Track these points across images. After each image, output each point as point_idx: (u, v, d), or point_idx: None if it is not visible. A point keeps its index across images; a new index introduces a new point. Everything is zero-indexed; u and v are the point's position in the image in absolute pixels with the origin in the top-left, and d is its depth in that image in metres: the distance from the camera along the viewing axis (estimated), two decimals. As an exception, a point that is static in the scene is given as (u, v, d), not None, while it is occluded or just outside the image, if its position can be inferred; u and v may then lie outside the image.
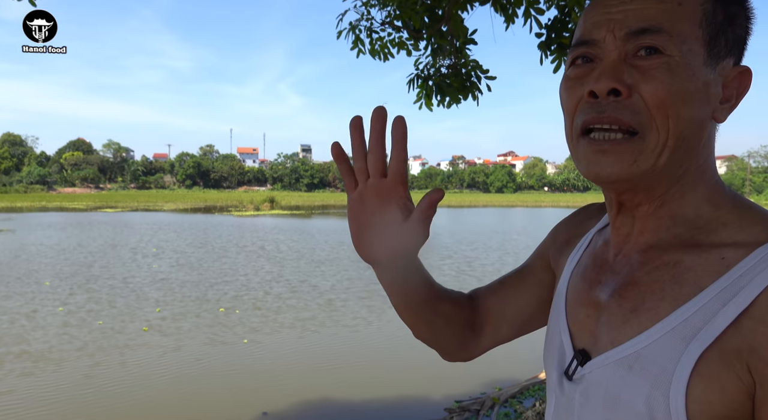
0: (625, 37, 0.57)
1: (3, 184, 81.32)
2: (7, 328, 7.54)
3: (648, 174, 0.57)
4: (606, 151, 0.57)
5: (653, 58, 0.56)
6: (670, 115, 0.55)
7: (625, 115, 0.56)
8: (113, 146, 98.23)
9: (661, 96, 0.55)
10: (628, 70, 0.56)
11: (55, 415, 4.90)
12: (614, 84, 0.56)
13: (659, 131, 0.56)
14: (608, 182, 0.59)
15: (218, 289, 10.34)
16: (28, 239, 19.04)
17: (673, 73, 0.55)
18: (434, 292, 0.79)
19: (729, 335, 0.50)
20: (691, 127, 0.57)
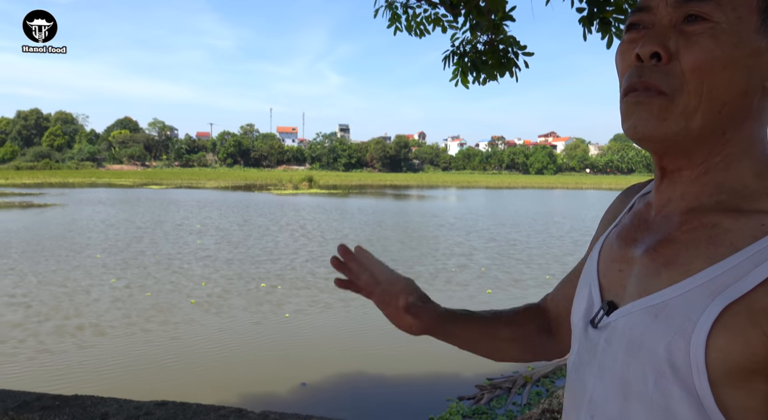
0: (675, 4, 0.59)
1: (56, 160, 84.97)
2: (65, 298, 7.99)
3: (682, 136, 0.59)
4: (640, 104, 0.59)
5: (697, 24, 0.57)
6: (705, 79, 0.56)
7: (658, 78, 0.58)
8: (158, 125, 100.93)
9: (699, 61, 0.56)
10: (675, 36, 0.58)
11: (109, 384, 5.20)
12: (656, 48, 0.58)
13: (690, 95, 0.57)
14: (644, 138, 0.60)
15: (260, 265, 10.61)
16: (79, 214, 19.94)
17: (716, 39, 0.56)
18: (487, 326, 0.89)
19: (759, 294, 0.52)
20: (731, 93, 0.57)
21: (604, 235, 0.76)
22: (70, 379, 5.15)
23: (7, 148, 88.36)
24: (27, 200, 26.04)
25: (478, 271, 10.24)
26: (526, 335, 0.89)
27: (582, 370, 0.67)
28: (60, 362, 5.55)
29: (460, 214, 22.51)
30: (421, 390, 5.07)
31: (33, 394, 2.00)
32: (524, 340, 0.89)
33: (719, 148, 0.60)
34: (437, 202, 30.95)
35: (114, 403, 1.97)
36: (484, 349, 0.91)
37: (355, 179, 62.63)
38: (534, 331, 0.90)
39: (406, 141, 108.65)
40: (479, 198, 35.02)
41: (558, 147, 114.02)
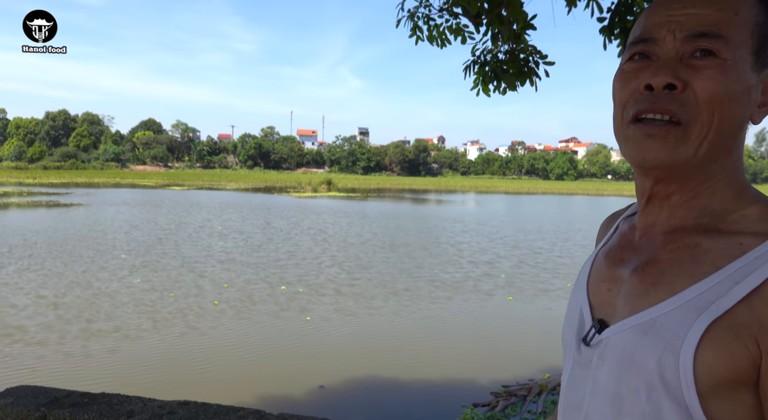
0: (685, 39, 0.63)
1: (82, 160, 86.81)
2: (92, 299, 8.18)
3: (687, 163, 0.63)
4: (653, 136, 0.63)
5: (708, 60, 0.61)
6: (716, 110, 0.61)
7: (675, 106, 0.62)
8: (181, 126, 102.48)
9: (712, 93, 0.61)
10: (683, 68, 0.62)
11: (134, 383, 5.31)
12: (671, 79, 0.62)
13: (703, 124, 0.61)
14: (652, 167, 0.64)
15: (282, 268, 10.70)
16: (104, 214, 20.36)
17: (725, 75, 0.61)
18: None
19: (740, 310, 0.56)
20: (731, 124, 0.62)
21: (592, 257, 0.79)
22: (98, 378, 5.28)
23: (35, 148, 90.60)
24: (53, 200, 26.67)
25: (503, 280, 10.18)
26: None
27: (576, 388, 0.70)
28: (88, 362, 5.69)
29: (482, 219, 22.37)
30: (436, 396, 5.08)
31: (63, 391, 2.08)
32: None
33: (711, 175, 0.65)
34: (458, 207, 30.84)
35: (139, 401, 2.04)
36: None
37: (373, 183, 62.75)
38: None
39: (425, 145, 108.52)
40: (499, 203, 34.80)
41: (579, 153, 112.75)
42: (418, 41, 3.81)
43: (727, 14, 0.62)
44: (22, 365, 5.50)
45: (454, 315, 7.73)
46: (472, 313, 7.86)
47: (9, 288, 8.46)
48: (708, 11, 0.62)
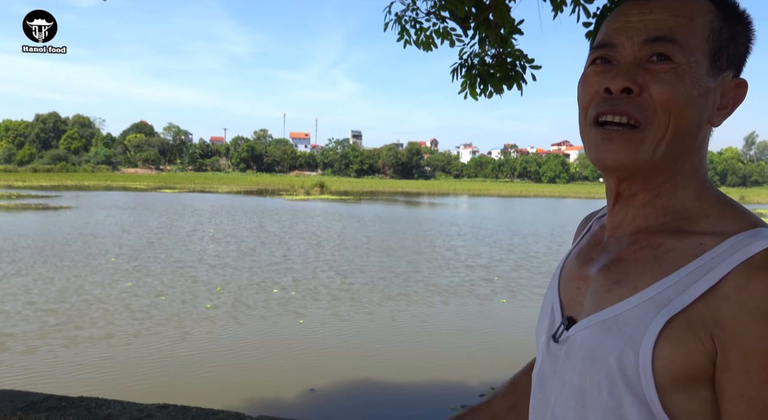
0: (642, 44, 0.65)
1: (73, 163, 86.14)
2: (80, 302, 8.11)
3: (646, 164, 0.65)
4: (612, 139, 0.65)
5: (663, 64, 0.64)
6: (672, 113, 0.63)
7: (632, 109, 0.64)
8: (173, 129, 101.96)
9: (667, 96, 0.63)
10: (641, 72, 0.65)
11: (120, 387, 5.27)
12: (628, 83, 0.64)
13: (660, 126, 0.64)
14: (612, 168, 0.67)
15: (275, 272, 10.67)
16: (94, 217, 20.21)
17: (679, 78, 0.63)
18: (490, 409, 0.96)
19: (698, 307, 0.58)
20: (688, 126, 0.64)
21: (565, 256, 0.82)
22: (83, 382, 5.23)
23: (25, 151, 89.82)
24: (43, 202, 26.43)
25: (497, 283, 10.19)
26: (523, 401, 0.92)
27: (545, 384, 0.72)
28: (74, 366, 5.63)
29: (477, 222, 22.37)
30: (425, 398, 5.08)
31: (40, 395, 2.06)
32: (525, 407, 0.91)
33: (671, 175, 0.67)
34: (451, 210, 30.87)
35: (117, 405, 2.02)
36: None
37: (366, 185, 62.69)
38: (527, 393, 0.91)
39: (418, 148, 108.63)
40: (492, 206, 34.90)
41: (571, 156, 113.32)
42: (406, 45, 3.82)
43: (683, 20, 0.64)
44: (7, 370, 5.45)
45: (445, 318, 7.74)
46: (463, 316, 7.87)
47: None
48: (664, 17, 0.64)
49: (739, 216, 0.64)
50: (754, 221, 0.63)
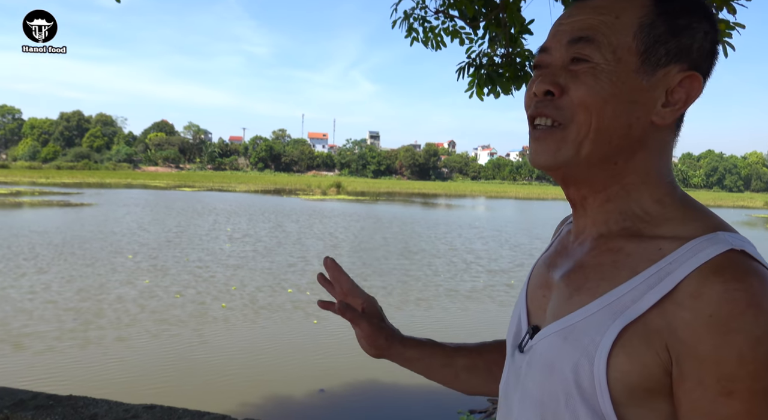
0: (566, 46, 0.65)
1: (95, 161, 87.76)
2: (97, 298, 8.23)
3: (572, 162, 0.64)
4: (539, 139, 0.66)
5: (581, 64, 0.63)
6: (592, 112, 0.62)
7: (551, 110, 0.64)
8: (193, 128, 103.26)
9: (582, 97, 0.62)
10: (565, 74, 0.64)
11: (127, 385, 5.33)
12: (547, 86, 0.65)
13: (580, 125, 0.63)
14: (541, 168, 0.67)
15: (290, 271, 10.71)
16: (113, 214, 20.53)
17: (596, 78, 0.62)
18: (444, 357, 0.91)
19: (653, 315, 0.55)
20: (613, 124, 0.62)
21: (534, 263, 0.79)
22: (85, 380, 5.29)
23: (49, 148, 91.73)
24: (64, 199, 26.94)
25: (513, 286, 10.10)
26: (486, 366, 0.89)
27: (509, 396, 0.70)
28: (78, 363, 5.70)
29: (497, 225, 22.07)
30: (433, 402, 5.04)
31: (30, 392, 2.07)
32: (485, 370, 0.89)
33: (615, 177, 0.65)
34: (469, 212, 30.74)
35: (104, 404, 2.02)
36: (443, 378, 0.92)
37: (383, 186, 62.72)
38: (496, 361, 0.89)
39: (435, 149, 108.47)
40: (510, 209, 34.65)
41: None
42: (413, 42, 3.78)
43: (607, 18, 0.63)
44: (9, 366, 5.52)
45: (463, 322, 7.72)
46: (482, 321, 7.82)
47: (12, 289, 8.53)
48: (590, 17, 0.64)
49: (701, 219, 0.62)
50: (716, 224, 0.60)
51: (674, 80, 0.63)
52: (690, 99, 0.64)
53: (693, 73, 0.63)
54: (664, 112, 0.63)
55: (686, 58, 0.63)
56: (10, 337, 6.24)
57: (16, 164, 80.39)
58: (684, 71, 0.63)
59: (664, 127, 0.65)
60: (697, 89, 0.64)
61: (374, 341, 0.89)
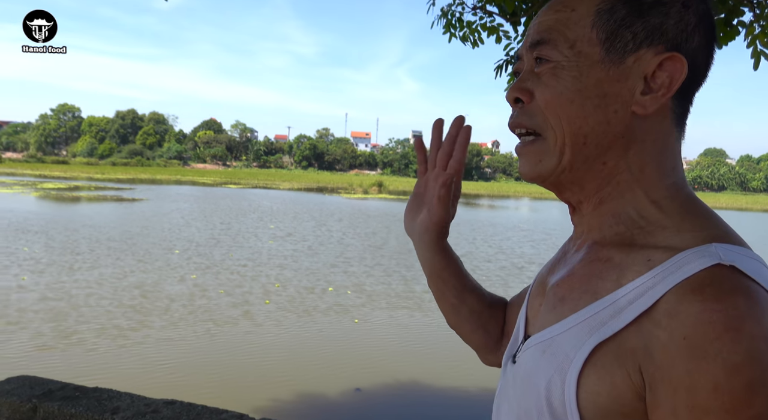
0: (529, 50, 0.62)
1: (147, 158, 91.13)
2: (145, 292, 8.51)
3: (558, 171, 0.61)
4: (521, 153, 0.64)
5: (542, 66, 0.60)
6: (561, 115, 0.59)
7: (524, 119, 0.62)
8: (240, 127, 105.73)
9: (546, 99, 0.59)
10: (532, 78, 0.62)
11: (180, 375, 5.49)
12: (515, 93, 0.62)
13: (555, 131, 0.59)
14: (529, 180, 0.64)
15: (331, 269, 10.80)
16: (162, 209, 21.26)
17: (557, 77, 0.59)
18: (462, 281, 0.85)
19: (630, 333, 0.50)
20: (588, 124, 0.58)
21: (540, 270, 0.75)
22: (119, 372, 5.45)
23: (105, 146, 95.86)
24: (118, 194, 28.10)
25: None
26: (486, 318, 0.85)
27: (500, 406, 0.66)
28: (121, 354, 5.90)
29: (546, 228, 21.52)
30: (468, 402, 4.98)
31: (59, 383, 2.14)
32: (482, 321, 0.85)
33: (607, 177, 0.60)
34: (513, 212, 30.24)
35: (127, 398, 2.06)
36: (440, 296, 0.86)
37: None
38: (495, 322, 0.86)
39: (478, 149, 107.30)
40: (555, 211, 33.86)
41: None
42: (451, 39, 3.72)
43: (563, 14, 0.60)
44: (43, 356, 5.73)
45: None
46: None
47: (64, 278, 8.93)
48: (548, 17, 0.61)
49: (701, 228, 0.55)
50: (715, 235, 0.53)
51: (651, 64, 0.57)
52: (674, 83, 0.57)
53: (673, 54, 0.56)
54: (644, 101, 0.57)
55: (661, 39, 0.57)
56: (59, 329, 6.52)
57: (75, 160, 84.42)
58: (661, 53, 0.57)
59: (650, 117, 0.58)
60: (680, 71, 0.57)
61: (442, 225, 0.80)
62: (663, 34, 0.57)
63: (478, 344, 0.87)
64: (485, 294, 0.87)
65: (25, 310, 6.99)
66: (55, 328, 6.39)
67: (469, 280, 0.86)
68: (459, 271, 0.85)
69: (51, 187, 31.01)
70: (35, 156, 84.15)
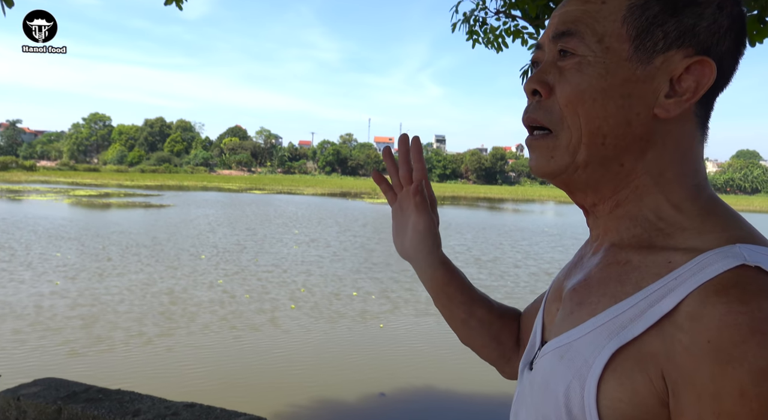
0: (553, 41, 0.59)
1: (175, 164, 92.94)
2: (172, 296, 8.67)
3: (572, 170, 0.59)
4: (532, 147, 0.61)
5: (567, 60, 0.57)
6: (580, 113, 0.56)
7: (540, 114, 0.59)
8: (264, 133, 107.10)
9: (568, 95, 0.57)
10: (554, 70, 0.59)
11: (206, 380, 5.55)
12: (534, 85, 0.59)
13: (571, 129, 0.57)
14: (540, 176, 0.62)
15: (355, 274, 10.84)
16: (189, 215, 21.63)
17: (582, 73, 0.56)
18: (468, 294, 0.84)
19: (651, 337, 0.48)
20: (609, 124, 0.56)
21: (556, 274, 0.73)
22: (146, 376, 5.54)
23: (135, 153, 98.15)
24: (146, 201, 28.70)
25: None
26: (497, 330, 0.83)
27: (518, 414, 0.64)
28: (146, 356, 5.99)
29: (575, 233, 21.08)
30: (493, 408, 4.92)
31: (83, 385, 2.19)
32: (493, 333, 0.83)
33: (624, 180, 0.58)
34: (539, 217, 29.89)
35: (149, 400, 2.09)
36: (448, 313, 0.85)
37: (448, 190, 62.28)
38: (507, 333, 0.84)
39: (502, 153, 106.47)
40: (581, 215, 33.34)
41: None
42: (474, 44, 3.70)
43: (592, 6, 0.57)
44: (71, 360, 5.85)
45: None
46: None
47: (95, 284, 9.13)
48: (576, 6, 0.58)
49: (724, 229, 0.53)
50: (739, 236, 0.51)
51: (679, 67, 0.55)
52: (701, 88, 0.55)
53: (702, 58, 0.54)
54: (667, 104, 0.55)
55: (691, 41, 0.55)
56: (89, 334, 6.67)
57: (106, 168, 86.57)
58: (690, 56, 0.54)
59: (672, 120, 0.56)
60: (708, 76, 0.54)
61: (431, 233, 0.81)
62: (694, 35, 0.55)
63: (493, 357, 0.86)
64: (494, 304, 0.85)
65: (57, 315, 7.17)
66: (85, 333, 6.54)
67: (475, 291, 0.85)
68: (463, 284, 0.84)
69: (82, 194, 31.86)
70: (68, 164, 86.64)
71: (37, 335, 6.36)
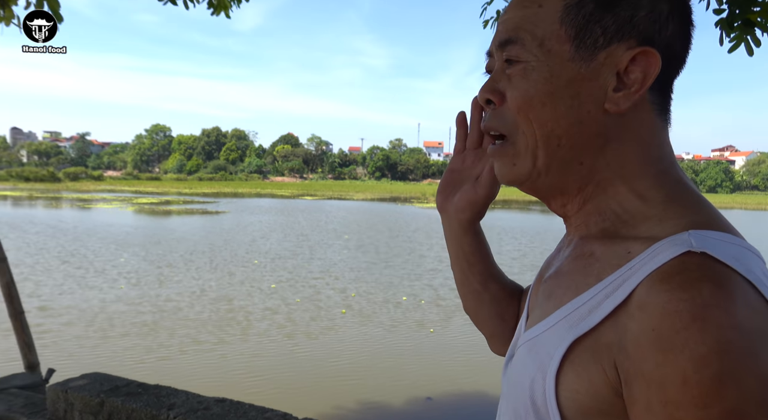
0: (498, 49, 0.60)
1: (230, 172, 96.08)
2: (230, 300, 8.97)
3: (534, 175, 0.59)
4: (494, 155, 0.62)
5: (512, 67, 0.58)
6: (532, 118, 0.56)
7: (495, 123, 0.60)
8: (315, 140, 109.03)
9: (518, 102, 0.57)
10: (504, 79, 0.59)
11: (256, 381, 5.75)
12: (487, 95, 0.60)
13: (526, 134, 0.57)
14: (506, 183, 0.63)
15: (405, 279, 10.89)
16: (243, 221, 22.32)
17: (527, 79, 0.56)
18: (488, 267, 0.82)
19: (606, 328, 0.48)
20: (561, 126, 0.56)
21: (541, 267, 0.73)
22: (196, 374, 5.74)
23: (193, 162, 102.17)
24: (203, 208, 29.86)
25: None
26: (506, 307, 0.82)
27: (500, 407, 0.65)
28: (198, 356, 6.23)
29: None
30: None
31: (125, 380, 2.33)
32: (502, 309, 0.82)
33: (587, 177, 0.58)
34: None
35: (183, 395, 2.20)
36: (462, 278, 0.83)
37: (499, 194, 61.39)
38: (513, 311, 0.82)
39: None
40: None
41: (736, 162, 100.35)
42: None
43: (530, 11, 0.57)
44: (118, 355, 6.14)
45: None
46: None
47: (155, 288, 9.58)
48: (515, 14, 0.58)
49: (683, 216, 0.52)
50: (695, 221, 0.51)
51: (623, 60, 0.54)
52: (648, 77, 0.54)
53: (645, 49, 0.54)
54: (617, 98, 0.55)
55: (632, 32, 0.54)
56: (147, 335, 7.00)
57: (166, 177, 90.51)
58: (633, 48, 0.54)
59: (626, 112, 0.56)
60: (654, 65, 0.54)
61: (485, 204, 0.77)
62: (634, 27, 0.54)
63: (492, 332, 0.84)
64: (507, 281, 0.85)
65: (119, 318, 7.58)
66: (143, 338, 6.86)
67: (494, 266, 0.84)
68: (487, 256, 0.82)
69: (145, 202, 33.51)
70: (132, 173, 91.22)
71: (98, 336, 6.73)
